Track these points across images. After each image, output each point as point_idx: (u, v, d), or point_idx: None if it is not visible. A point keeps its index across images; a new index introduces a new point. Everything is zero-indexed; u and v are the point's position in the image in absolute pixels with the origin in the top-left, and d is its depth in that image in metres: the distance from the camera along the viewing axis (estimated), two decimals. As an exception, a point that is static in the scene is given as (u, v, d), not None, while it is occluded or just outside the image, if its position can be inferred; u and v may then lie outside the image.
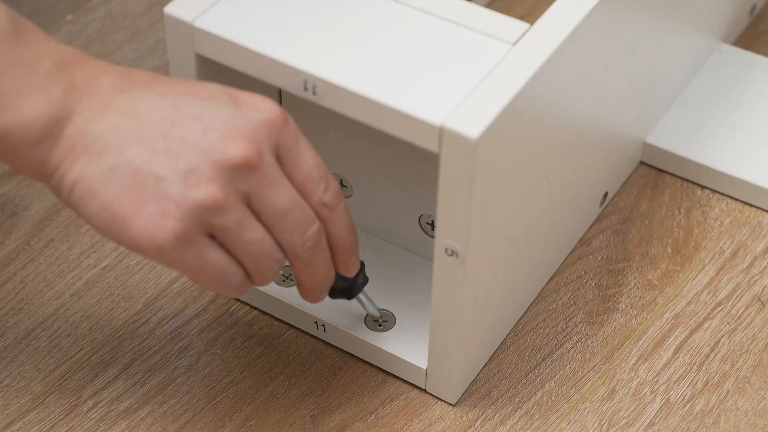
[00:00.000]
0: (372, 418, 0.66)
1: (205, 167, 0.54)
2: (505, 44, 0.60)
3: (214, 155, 0.54)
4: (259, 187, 0.55)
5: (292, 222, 0.57)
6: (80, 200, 0.55)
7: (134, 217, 0.54)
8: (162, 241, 0.54)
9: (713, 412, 0.66)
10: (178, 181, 0.54)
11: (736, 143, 0.77)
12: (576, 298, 0.71)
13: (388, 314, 0.68)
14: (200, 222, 0.55)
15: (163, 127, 0.55)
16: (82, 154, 0.54)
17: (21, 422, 0.65)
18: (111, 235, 0.55)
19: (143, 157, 0.54)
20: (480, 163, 0.57)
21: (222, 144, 0.54)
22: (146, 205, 0.54)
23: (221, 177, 0.54)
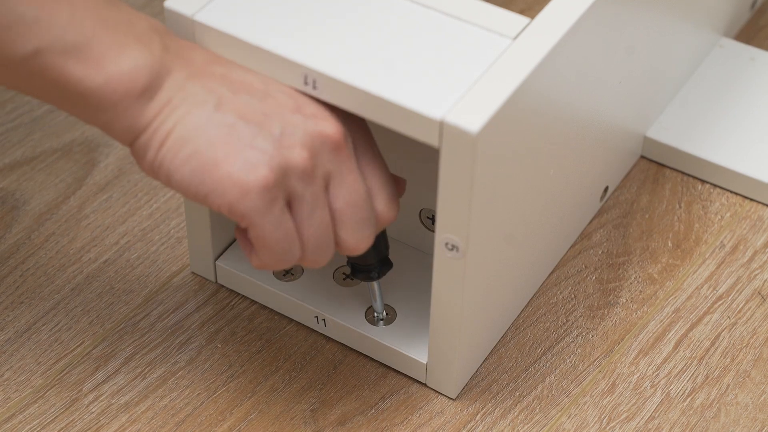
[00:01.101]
0: (372, 412, 0.66)
1: (300, 133, 0.56)
2: (505, 39, 0.60)
3: (308, 126, 0.57)
4: (340, 170, 0.58)
5: (355, 221, 0.59)
6: (171, 149, 0.56)
7: (227, 162, 0.55)
8: (251, 186, 0.55)
9: (713, 406, 0.66)
10: (274, 140, 0.56)
11: (736, 137, 0.77)
12: (576, 292, 0.71)
13: (388, 308, 0.68)
14: (287, 182, 0.56)
15: (258, 95, 0.57)
16: (179, 106, 0.56)
17: (22, 416, 0.65)
18: (195, 183, 0.56)
19: (241, 114, 0.56)
20: (480, 158, 0.57)
21: (315, 119, 0.57)
22: (240, 153, 0.55)
23: (313, 146, 0.57)
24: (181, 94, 0.56)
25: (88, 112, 0.56)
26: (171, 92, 0.56)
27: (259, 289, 0.70)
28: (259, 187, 0.55)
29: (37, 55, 0.54)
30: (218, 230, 0.69)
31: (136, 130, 0.56)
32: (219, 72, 0.58)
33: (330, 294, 0.69)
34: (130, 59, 0.55)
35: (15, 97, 0.81)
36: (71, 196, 0.76)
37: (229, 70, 0.58)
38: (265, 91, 0.58)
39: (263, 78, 0.59)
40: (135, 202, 0.75)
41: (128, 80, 0.55)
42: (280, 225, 0.57)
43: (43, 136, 0.79)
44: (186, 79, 0.56)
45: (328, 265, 0.70)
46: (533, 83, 0.59)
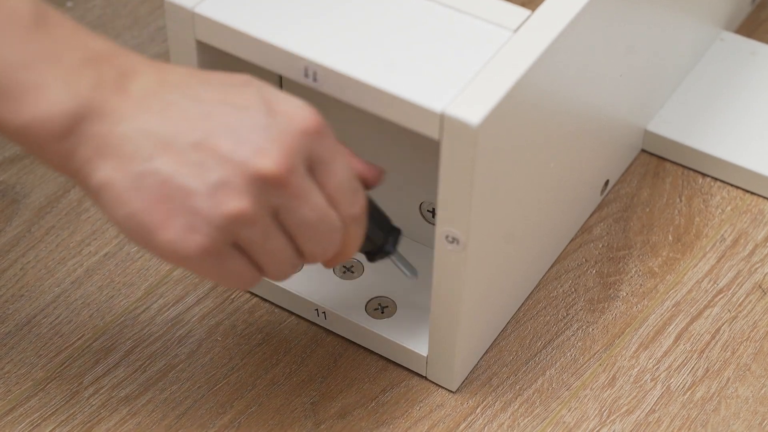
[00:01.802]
0: (372, 405, 0.66)
1: (236, 181, 0.53)
2: (506, 31, 0.60)
3: (245, 168, 0.53)
4: (289, 201, 0.55)
5: (318, 235, 0.56)
6: (107, 204, 0.54)
7: (162, 228, 0.53)
8: (189, 254, 0.54)
9: (714, 399, 0.66)
10: (208, 195, 0.53)
11: (737, 131, 0.77)
12: (577, 286, 0.71)
13: (388, 301, 0.68)
14: (227, 235, 0.54)
15: (195, 135, 0.53)
16: (108, 157, 0.53)
17: (22, 408, 0.65)
18: (137, 241, 0.55)
19: (173, 167, 0.53)
20: (481, 150, 0.57)
21: (254, 158, 0.53)
22: (175, 219, 0.53)
23: (251, 190, 0.53)
24: (111, 141, 0.53)
25: (22, 147, 0.54)
26: (100, 137, 0.53)
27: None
28: (197, 254, 0.54)
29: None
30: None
31: (69, 170, 0.54)
32: (157, 107, 0.53)
33: (330, 287, 0.69)
34: (49, 102, 0.52)
35: (15, 91, 0.81)
36: (71, 190, 0.76)
37: (169, 103, 0.53)
38: (204, 128, 0.53)
39: (214, 100, 0.54)
40: (135, 196, 0.75)
41: (45, 125, 0.52)
42: (230, 268, 0.55)
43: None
44: (116, 123, 0.53)
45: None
46: (534, 76, 0.59)
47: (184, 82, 0.55)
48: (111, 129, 0.53)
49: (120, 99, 0.53)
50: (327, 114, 0.69)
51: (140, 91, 0.54)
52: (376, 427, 0.65)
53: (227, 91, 0.55)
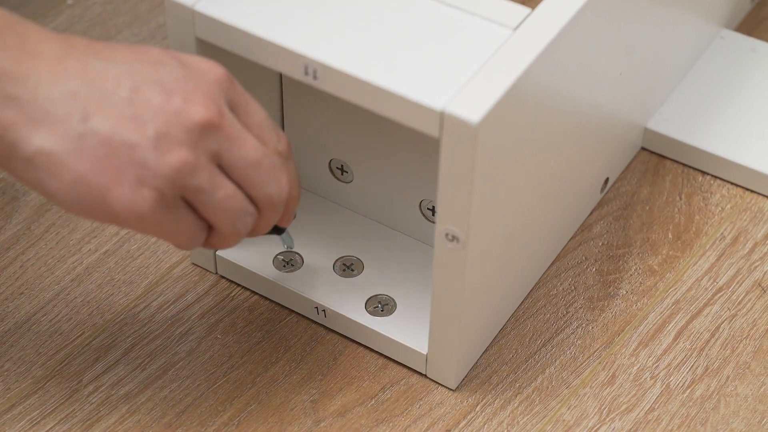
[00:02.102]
0: (372, 403, 0.66)
1: (175, 131, 0.53)
2: (506, 29, 0.60)
3: (180, 118, 0.53)
4: (227, 143, 0.55)
5: (265, 173, 0.56)
6: (47, 174, 0.52)
7: (113, 187, 0.52)
8: (144, 210, 0.53)
9: (713, 397, 0.66)
10: (151, 147, 0.53)
11: (737, 129, 0.77)
12: (576, 284, 0.71)
13: (388, 299, 0.68)
14: (177, 186, 0.54)
15: (124, 92, 0.53)
16: (38, 123, 0.51)
17: (22, 406, 0.65)
18: (87, 208, 0.53)
19: (111, 125, 0.52)
20: (481, 149, 0.57)
21: (186, 106, 0.54)
22: (124, 175, 0.52)
23: (190, 139, 0.53)
24: (38, 105, 0.51)
25: None
26: (24, 100, 0.51)
27: (259, 280, 0.70)
28: (152, 207, 0.53)
29: None
30: (218, 221, 0.69)
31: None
32: (74, 69, 0.52)
33: (330, 285, 0.69)
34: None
35: (15, 88, 0.81)
36: (71, 187, 0.75)
37: (86, 62, 0.53)
38: (130, 84, 0.53)
39: (127, 59, 0.54)
40: (135, 193, 0.75)
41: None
42: (182, 223, 0.55)
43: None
44: (38, 85, 0.51)
45: (328, 256, 0.70)
46: (534, 74, 0.59)
47: (90, 45, 0.54)
48: (33, 92, 0.51)
49: (32, 62, 0.52)
50: (327, 112, 0.69)
51: (51, 54, 0.53)
52: (375, 425, 0.65)
53: (135, 50, 0.55)
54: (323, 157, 0.71)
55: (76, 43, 0.54)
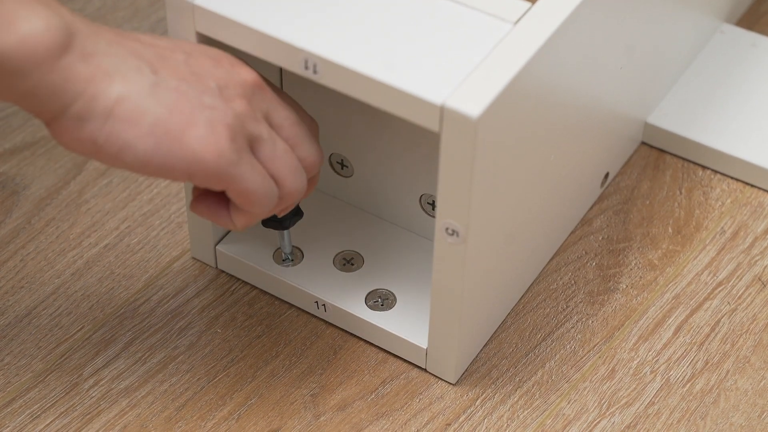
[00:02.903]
0: (372, 397, 0.66)
1: (233, 85, 0.58)
2: (506, 23, 0.60)
3: (233, 76, 0.58)
4: (272, 104, 0.59)
5: (304, 134, 0.61)
6: (125, 121, 0.54)
7: (190, 127, 0.55)
8: (221, 144, 0.56)
9: (713, 391, 0.66)
10: (217, 94, 0.57)
11: (737, 123, 0.77)
12: (577, 278, 0.71)
13: (388, 293, 0.68)
14: (244, 129, 0.57)
15: (180, 56, 0.57)
16: (115, 75, 0.54)
17: (22, 400, 0.65)
18: (162, 152, 0.55)
19: (176, 78, 0.56)
20: (481, 143, 0.57)
21: (234, 69, 0.58)
22: (198, 115, 0.56)
23: (245, 93, 0.58)
24: (111, 59, 0.54)
25: (8, 80, 0.53)
26: (98, 54, 0.54)
27: (259, 274, 0.70)
28: (229, 142, 0.56)
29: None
30: (218, 215, 0.69)
31: (66, 95, 0.53)
32: (131, 39, 0.56)
33: (330, 279, 0.69)
34: (42, 18, 0.52)
35: (15, 82, 0.81)
36: (71, 181, 0.76)
37: (137, 37, 0.57)
38: (182, 50, 0.58)
39: (165, 40, 0.58)
40: (135, 187, 0.75)
41: (45, 38, 0.52)
42: (255, 169, 0.58)
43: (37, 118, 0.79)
44: (108, 44, 0.55)
45: (328, 251, 0.70)
46: (534, 68, 0.59)
47: (128, 32, 0.58)
48: (106, 48, 0.55)
49: (96, 29, 0.55)
50: (327, 107, 0.69)
51: (106, 28, 0.56)
52: (375, 419, 0.65)
53: (170, 38, 0.60)
54: (324, 152, 0.71)
55: (116, 28, 0.58)
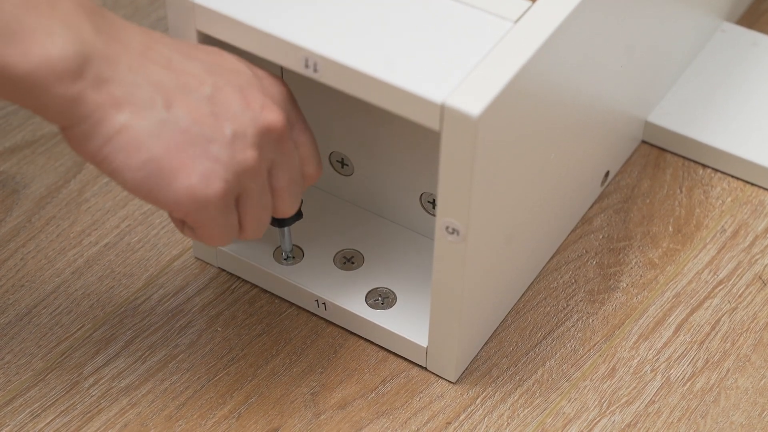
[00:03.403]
0: (372, 396, 0.66)
1: (249, 132, 0.57)
2: (506, 22, 0.60)
3: (255, 122, 0.57)
4: (282, 156, 0.59)
5: (292, 195, 0.60)
6: (121, 150, 0.54)
7: (184, 173, 0.55)
8: (209, 199, 0.56)
9: (713, 390, 0.66)
10: (227, 144, 0.56)
11: (738, 122, 0.77)
12: (577, 277, 0.71)
13: (389, 292, 0.68)
14: (239, 185, 0.57)
15: (206, 89, 0.56)
16: (125, 104, 0.54)
17: (22, 398, 0.65)
18: (146, 187, 0.55)
19: (192, 117, 0.55)
20: (481, 141, 0.57)
21: (262, 112, 0.57)
22: (197, 164, 0.55)
23: (260, 143, 0.57)
24: (125, 88, 0.54)
25: (20, 95, 0.53)
26: (113, 82, 0.54)
27: (259, 272, 0.70)
28: (217, 199, 0.56)
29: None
30: (219, 214, 0.69)
31: (74, 116, 0.54)
32: (161, 60, 0.55)
33: (330, 278, 0.69)
34: (58, 44, 0.52)
35: (15, 81, 0.81)
36: (72, 180, 0.76)
37: (170, 57, 0.56)
38: (211, 83, 0.56)
39: (207, 60, 0.57)
40: (135, 186, 0.75)
41: (58, 66, 0.52)
42: (228, 219, 0.58)
43: (43, 120, 0.79)
44: (128, 70, 0.54)
45: (329, 249, 0.70)
46: (534, 67, 0.59)
47: (169, 41, 0.57)
48: (122, 76, 0.54)
49: (122, 48, 0.54)
50: (328, 105, 0.69)
51: (138, 43, 0.55)
52: (375, 418, 0.65)
53: (212, 53, 0.58)
54: (324, 150, 0.71)
55: (158, 37, 0.57)
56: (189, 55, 0.57)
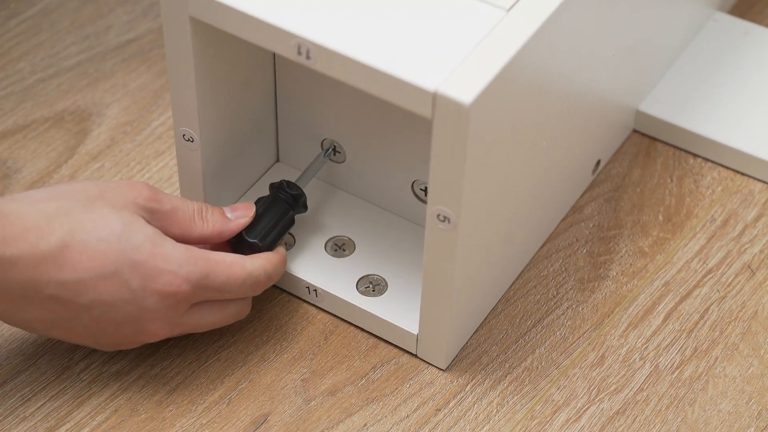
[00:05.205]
0: (363, 383, 0.66)
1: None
2: (499, 10, 0.60)
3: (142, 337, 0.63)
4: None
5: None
6: None
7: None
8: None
9: (702, 378, 0.66)
10: None
11: (729, 112, 0.78)
12: (567, 265, 0.71)
13: (379, 279, 0.69)
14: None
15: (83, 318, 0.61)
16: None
17: (13, 383, 0.65)
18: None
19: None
20: (473, 129, 0.57)
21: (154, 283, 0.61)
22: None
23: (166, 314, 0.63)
24: None
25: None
26: None
27: (250, 259, 0.70)
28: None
29: None
30: (211, 200, 0.69)
31: None
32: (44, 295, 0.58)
33: (322, 265, 0.69)
34: None
35: (6, 66, 0.81)
36: (63, 165, 0.75)
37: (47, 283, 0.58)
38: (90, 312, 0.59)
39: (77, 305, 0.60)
40: (127, 172, 0.75)
41: None
42: None
43: (34, 104, 0.79)
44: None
45: (320, 236, 0.70)
46: (527, 55, 0.59)
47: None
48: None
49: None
50: (320, 92, 0.69)
51: (17, 283, 0.59)
52: (366, 404, 0.65)
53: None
54: (316, 137, 0.71)
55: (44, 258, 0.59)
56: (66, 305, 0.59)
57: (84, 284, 0.58)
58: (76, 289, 0.58)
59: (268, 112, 0.71)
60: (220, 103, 0.66)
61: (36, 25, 0.83)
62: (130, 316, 0.60)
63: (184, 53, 0.62)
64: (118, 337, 0.61)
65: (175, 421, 0.64)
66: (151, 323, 0.60)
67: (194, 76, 0.63)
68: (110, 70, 0.81)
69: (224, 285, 0.61)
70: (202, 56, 0.63)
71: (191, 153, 0.67)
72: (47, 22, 0.83)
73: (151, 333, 0.61)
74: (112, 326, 0.60)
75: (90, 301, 0.59)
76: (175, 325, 0.61)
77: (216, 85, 0.65)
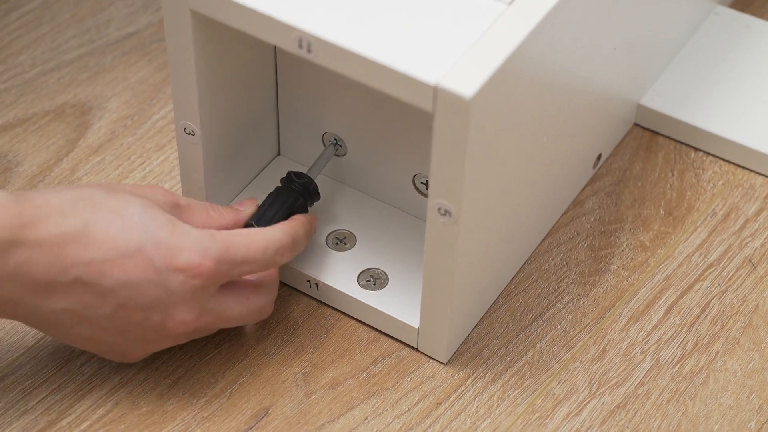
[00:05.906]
0: (364, 376, 0.66)
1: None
2: (500, 3, 0.60)
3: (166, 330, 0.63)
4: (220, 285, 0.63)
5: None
6: None
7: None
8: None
9: (702, 372, 0.67)
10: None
11: (730, 106, 0.77)
12: (568, 259, 0.71)
13: (381, 273, 0.69)
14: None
15: (108, 310, 0.61)
16: (38, 324, 0.62)
17: (14, 376, 0.65)
18: None
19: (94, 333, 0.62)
20: (474, 123, 0.57)
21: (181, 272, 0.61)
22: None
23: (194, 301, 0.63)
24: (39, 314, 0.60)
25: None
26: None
27: (251, 252, 0.70)
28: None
29: None
30: (213, 194, 0.69)
31: None
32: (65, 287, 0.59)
33: (323, 258, 0.69)
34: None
35: (7, 59, 0.81)
36: (64, 158, 0.75)
37: (74, 281, 0.58)
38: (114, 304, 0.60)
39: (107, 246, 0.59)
40: (128, 165, 0.75)
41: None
42: None
43: (35, 98, 0.79)
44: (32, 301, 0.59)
45: (321, 230, 0.70)
46: (528, 49, 0.59)
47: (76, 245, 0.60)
48: (31, 305, 0.60)
49: (14, 304, 0.60)
50: (322, 86, 0.69)
51: (43, 274, 0.60)
52: (367, 398, 0.65)
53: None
54: (317, 131, 0.71)
55: (67, 247, 0.59)
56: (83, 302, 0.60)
57: (109, 263, 0.58)
58: (101, 269, 0.58)
59: (269, 106, 0.71)
60: (221, 97, 0.66)
61: (36, 18, 0.83)
62: (156, 300, 0.59)
63: (185, 46, 0.62)
64: (146, 330, 0.60)
65: (176, 415, 0.64)
66: (177, 309, 0.60)
67: (195, 70, 0.63)
68: (111, 63, 0.81)
69: (247, 255, 0.61)
70: (203, 49, 0.63)
71: (192, 146, 0.67)
72: (48, 15, 0.83)
73: (179, 321, 0.60)
74: (139, 314, 0.60)
75: (115, 283, 0.58)
76: (202, 311, 0.61)
77: (217, 78, 0.65)
